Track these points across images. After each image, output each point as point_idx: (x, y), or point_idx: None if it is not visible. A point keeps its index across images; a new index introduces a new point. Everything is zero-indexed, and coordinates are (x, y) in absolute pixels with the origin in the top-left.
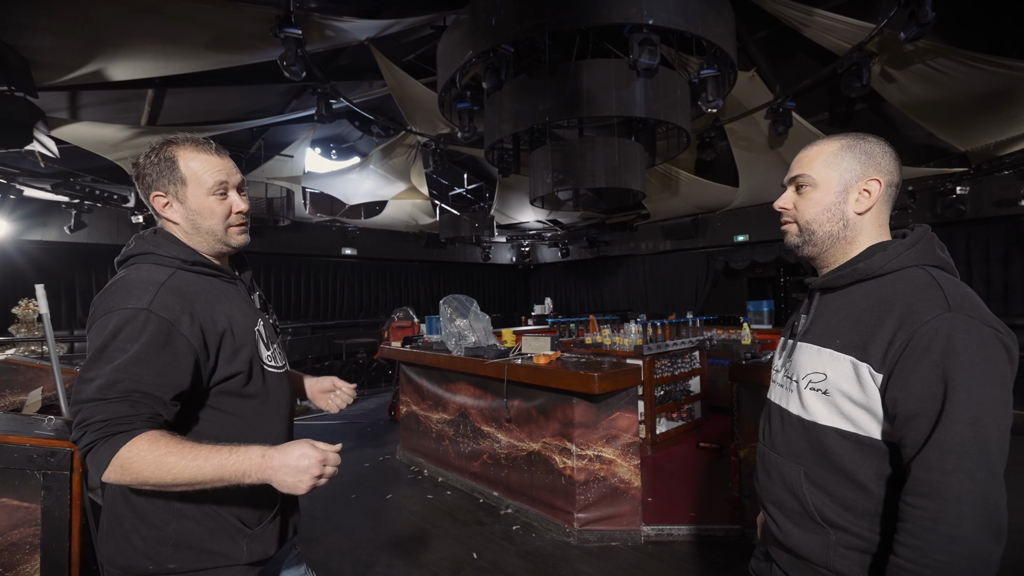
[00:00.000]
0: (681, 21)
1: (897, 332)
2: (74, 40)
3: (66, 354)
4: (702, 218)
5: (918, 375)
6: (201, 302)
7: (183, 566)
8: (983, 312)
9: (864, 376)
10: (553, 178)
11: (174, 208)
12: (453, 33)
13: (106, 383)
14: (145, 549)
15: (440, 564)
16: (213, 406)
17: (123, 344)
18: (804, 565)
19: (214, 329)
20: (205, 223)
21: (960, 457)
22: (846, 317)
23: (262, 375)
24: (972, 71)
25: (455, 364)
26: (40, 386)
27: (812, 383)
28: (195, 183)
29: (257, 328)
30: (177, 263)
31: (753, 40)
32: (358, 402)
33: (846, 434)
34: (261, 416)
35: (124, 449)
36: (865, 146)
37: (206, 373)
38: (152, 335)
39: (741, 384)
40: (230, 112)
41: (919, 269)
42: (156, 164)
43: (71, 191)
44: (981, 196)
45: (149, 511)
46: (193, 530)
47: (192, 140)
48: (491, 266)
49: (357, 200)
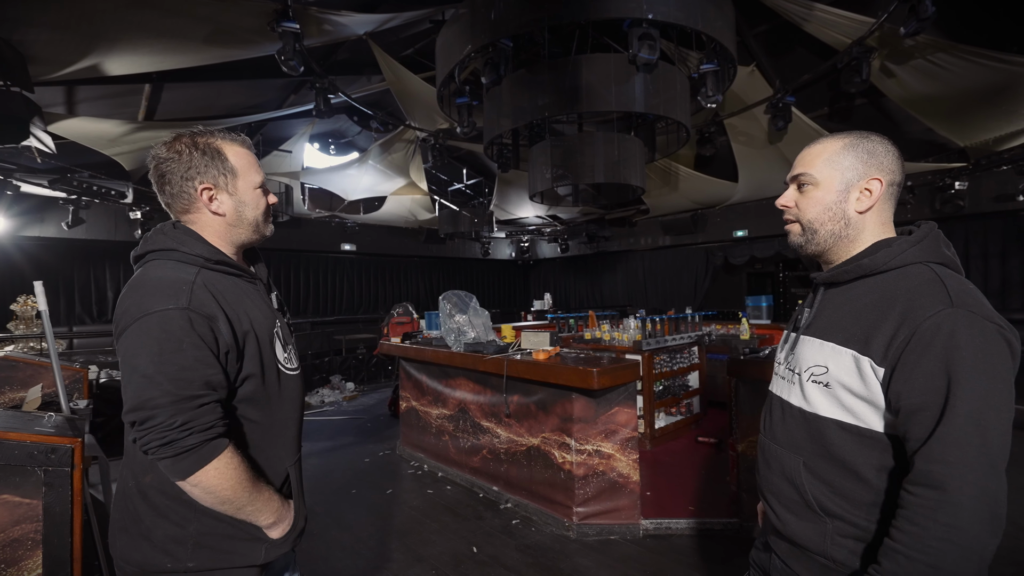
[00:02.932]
0: (681, 16)
1: (900, 327)
2: (70, 35)
3: (65, 351)
4: (701, 213)
5: (921, 370)
6: (228, 302)
7: (202, 564)
8: (985, 308)
9: (865, 370)
10: (552, 173)
11: (220, 199)
12: (452, 28)
13: (181, 385)
14: (165, 546)
15: (441, 558)
16: (233, 411)
17: (178, 345)
18: (802, 554)
19: (241, 329)
20: (251, 214)
21: (962, 450)
22: (849, 312)
23: (278, 378)
24: (972, 66)
25: (455, 360)
26: (40, 383)
27: (814, 376)
28: (244, 175)
29: (276, 329)
30: (201, 261)
31: (753, 35)
32: (358, 398)
33: (846, 426)
34: (279, 422)
35: (227, 453)
36: (867, 145)
37: (233, 375)
38: (201, 334)
39: (739, 379)
40: (228, 107)
41: (923, 266)
42: (200, 156)
43: (68, 187)
44: (979, 191)
45: (170, 509)
46: (215, 529)
47: (229, 135)
48: (490, 262)
49: (356, 196)
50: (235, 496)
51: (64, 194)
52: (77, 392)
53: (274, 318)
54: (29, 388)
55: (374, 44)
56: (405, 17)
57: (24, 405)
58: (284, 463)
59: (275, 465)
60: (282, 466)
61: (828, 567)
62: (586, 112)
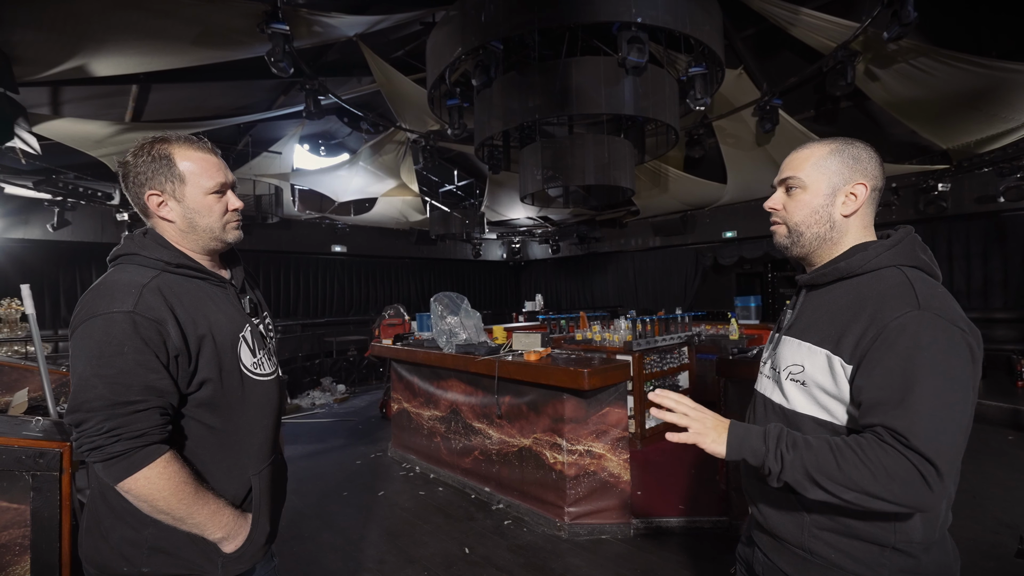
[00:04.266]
0: (669, 19)
1: (868, 327)
2: (56, 35)
3: (51, 354)
4: (691, 215)
5: (883, 366)
6: (183, 305)
7: (157, 570)
8: (951, 312)
9: (836, 369)
10: (543, 175)
11: (169, 207)
12: (442, 30)
13: (117, 389)
14: (121, 549)
15: (432, 559)
16: (189, 416)
17: (119, 348)
18: (782, 546)
19: (195, 333)
20: (203, 221)
21: (925, 445)
22: (825, 313)
23: (241, 384)
24: (953, 70)
25: (446, 361)
26: (26, 387)
27: (792, 374)
28: (194, 181)
29: (243, 334)
30: (161, 265)
31: (740, 38)
32: (349, 400)
33: (821, 422)
34: (242, 428)
35: (161, 462)
36: (853, 151)
37: (185, 380)
38: (145, 338)
39: (728, 379)
40: (217, 108)
41: (896, 269)
42: (150, 162)
43: (54, 188)
44: (962, 193)
45: (127, 512)
46: (170, 536)
47: (187, 138)
48: (482, 263)
49: (347, 197)
50: (170, 507)
51: (49, 196)
52: (64, 396)
53: (243, 322)
54: (15, 392)
55: (364, 46)
56: (395, 19)
57: (10, 409)
58: (247, 471)
59: (237, 473)
60: (245, 475)
61: (807, 559)
62: (576, 114)
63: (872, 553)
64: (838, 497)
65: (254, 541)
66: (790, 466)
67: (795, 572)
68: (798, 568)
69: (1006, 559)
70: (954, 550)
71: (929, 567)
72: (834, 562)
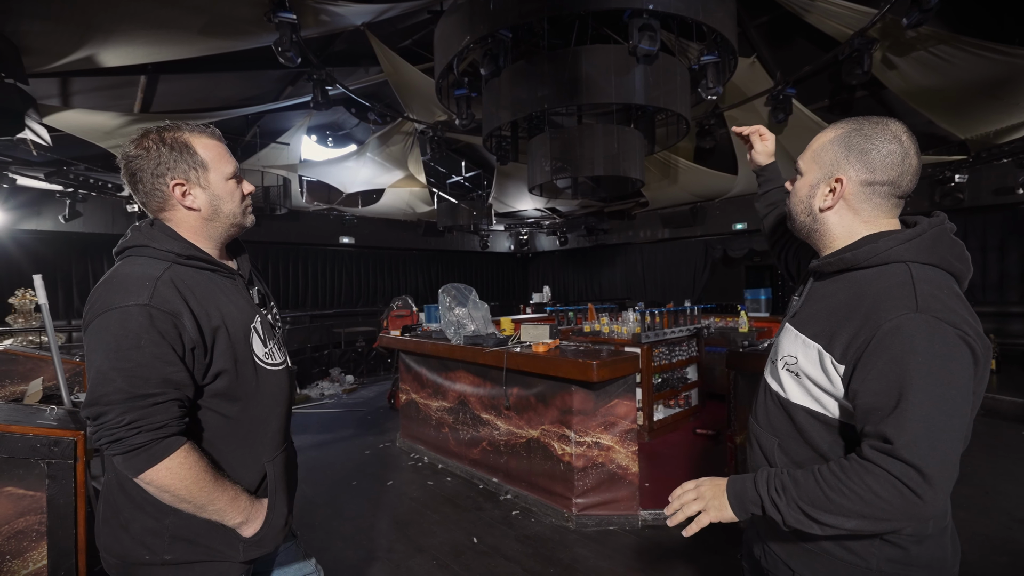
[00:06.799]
0: (681, 6)
1: (861, 328)
2: (64, 25)
3: (64, 344)
4: (701, 206)
5: (876, 371)
6: (196, 297)
7: (179, 557)
8: (952, 314)
9: (827, 365)
10: (551, 166)
11: (194, 195)
12: (450, 18)
13: (135, 383)
14: (142, 538)
15: (441, 548)
16: (206, 407)
17: (136, 342)
18: (778, 531)
19: (209, 325)
20: (227, 207)
21: (910, 452)
22: (825, 307)
23: (255, 374)
24: (973, 58)
25: (454, 352)
26: (40, 376)
27: (787, 364)
28: (215, 168)
29: (254, 325)
30: (172, 257)
31: (754, 26)
32: (358, 391)
33: (814, 413)
34: (257, 418)
35: (181, 452)
36: (852, 139)
37: (201, 371)
38: (161, 331)
39: (738, 372)
40: (224, 99)
41: (903, 265)
42: (168, 151)
43: (65, 180)
44: (979, 184)
45: (146, 501)
46: (191, 523)
47: (197, 127)
48: (489, 254)
49: (354, 188)
50: (192, 496)
51: (61, 187)
52: (78, 385)
53: (253, 313)
54: (30, 381)
55: (372, 35)
56: (403, 7)
57: (26, 398)
58: (261, 459)
59: (252, 461)
60: (260, 462)
61: (801, 546)
62: (586, 104)
63: (862, 542)
64: (843, 528)
65: (272, 524)
66: (787, 511)
67: (787, 557)
68: (790, 553)
69: (1019, 554)
70: (954, 544)
71: (920, 558)
72: (826, 549)
